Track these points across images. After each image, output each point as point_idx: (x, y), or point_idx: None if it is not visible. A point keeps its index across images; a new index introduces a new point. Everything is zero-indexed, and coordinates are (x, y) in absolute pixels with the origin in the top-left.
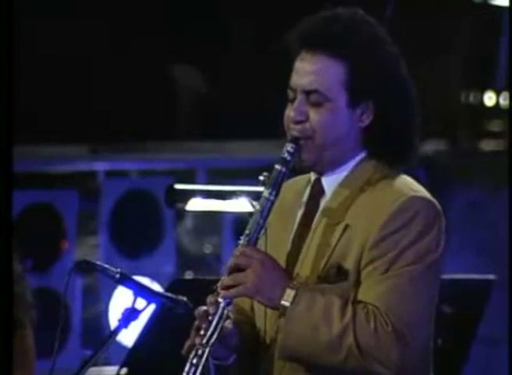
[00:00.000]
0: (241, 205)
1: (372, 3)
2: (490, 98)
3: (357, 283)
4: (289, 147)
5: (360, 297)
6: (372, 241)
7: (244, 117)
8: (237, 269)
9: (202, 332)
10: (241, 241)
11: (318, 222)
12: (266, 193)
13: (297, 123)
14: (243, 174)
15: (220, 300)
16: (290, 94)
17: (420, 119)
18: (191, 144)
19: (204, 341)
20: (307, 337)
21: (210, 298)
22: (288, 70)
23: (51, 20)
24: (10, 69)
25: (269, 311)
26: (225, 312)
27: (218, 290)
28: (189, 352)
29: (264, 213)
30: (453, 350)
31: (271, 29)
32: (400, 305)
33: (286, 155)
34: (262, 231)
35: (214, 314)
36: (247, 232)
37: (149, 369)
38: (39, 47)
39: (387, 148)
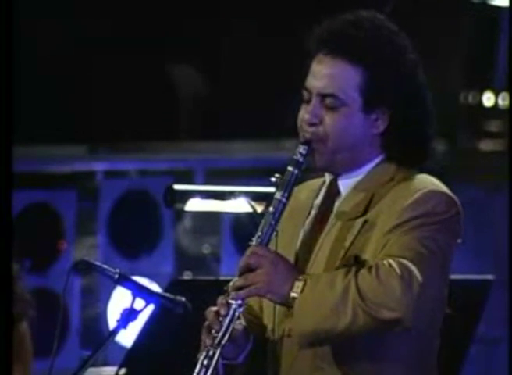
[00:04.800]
0: (240, 205)
1: (371, 3)
2: (489, 98)
3: None
4: (301, 148)
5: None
6: (389, 227)
7: (244, 117)
8: (248, 269)
9: (213, 333)
10: (253, 242)
11: (333, 222)
12: (278, 195)
13: (311, 125)
14: (242, 174)
15: (232, 301)
16: (305, 95)
17: (435, 121)
18: (190, 145)
19: (216, 342)
20: (316, 310)
21: (221, 299)
22: (288, 71)
23: (51, 20)
24: (10, 69)
25: (277, 310)
26: (237, 313)
27: (229, 291)
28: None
29: (276, 215)
30: (452, 350)
31: (271, 29)
32: (409, 255)
33: (298, 156)
34: (274, 233)
35: (225, 316)
36: (258, 233)
37: (148, 369)
38: (39, 47)
39: (404, 152)
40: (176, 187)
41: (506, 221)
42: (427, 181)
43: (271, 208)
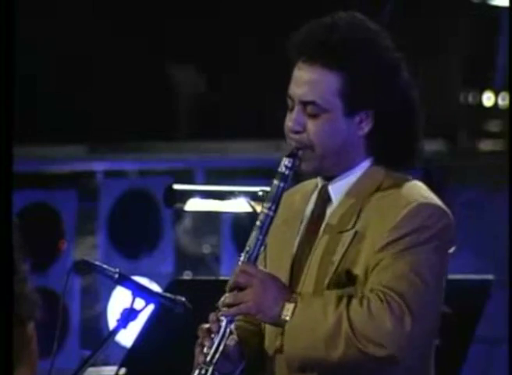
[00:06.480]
0: (240, 205)
1: (371, 4)
2: (489, 98)
3: (364, 286)
4: (286, 161)
5: (364, 289)
6: (381, 245)
7: (244, 117)
8: (238, 287)
9: (205, 350)
10: (241, 258)
11: (325, 230)
12: (265, 208)
13: (295, 133)
14: (242, 174)
15: (222, 318)
16: (290, 102)
17: (423, 120)
18: (190, 144)
19: (208, 359)
20: (308, 339)
21: (212, 316)
22: (289, 71)
23: (51, 20)
24: (10, 69)
25: (270, 327)
26: (228, 330)
27: (220, 307)
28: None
29: (264, 229)
30: (452, 350)
31: (272, 29)
32: (401, 288)
33: (283, 169)
34: (262, 247)
35: (216, 332)
36: (247, 248)
37: (148, 369)
38: (39, 47)
39: (391, 152)
40: (176, 187)
41: (506, 221)
42: (415, 192)
43: (258, 223)
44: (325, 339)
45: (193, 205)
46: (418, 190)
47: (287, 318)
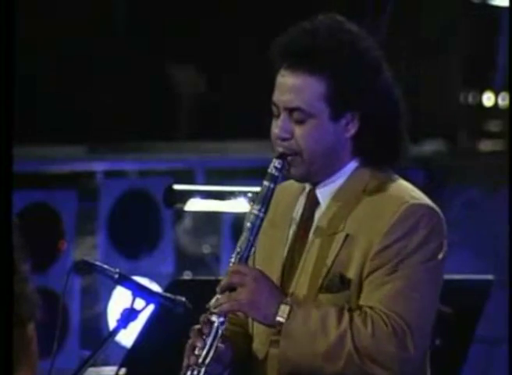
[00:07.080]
0: (240, 205)
1: (372, 5)
2: (489, 98)
3: (359, 292)
4: (276, 163)
5: (361, 302)
6: (374, 251)
7: (244, 117)
8: (231, 287)
9: (197, 352)
10: (232, 259)
11: (315, 233)
12: (255, 210)
13: (283, 140)
14: (242, 174)
15: (214, 319)
16: (274, 109)
17: (408, 119)
18: (190, 145)
19: (200, 360)
20: (306, 348)
21: (203, 317)
22: None
23: (51, 20)
24: (10, 69)
25: (260, 326)
26: (220, 331)
27: (211, 308)
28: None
29: (254, 230)
30: (452, 350)
31: (272, 29)
32: (400, 307)
33: (273, 170)
34: (253, 248)
35: (208, 334)
36: (237, 250)
37: (148, 369)
38: (39, 47)
39: (378, 154)
40: (176, 187)
41: (506, 221)
42: (405, 193)
43: (248, 224)
44: (324, 352)
45: (193, 205)
46: (407, 190)
47: (282, 320)
